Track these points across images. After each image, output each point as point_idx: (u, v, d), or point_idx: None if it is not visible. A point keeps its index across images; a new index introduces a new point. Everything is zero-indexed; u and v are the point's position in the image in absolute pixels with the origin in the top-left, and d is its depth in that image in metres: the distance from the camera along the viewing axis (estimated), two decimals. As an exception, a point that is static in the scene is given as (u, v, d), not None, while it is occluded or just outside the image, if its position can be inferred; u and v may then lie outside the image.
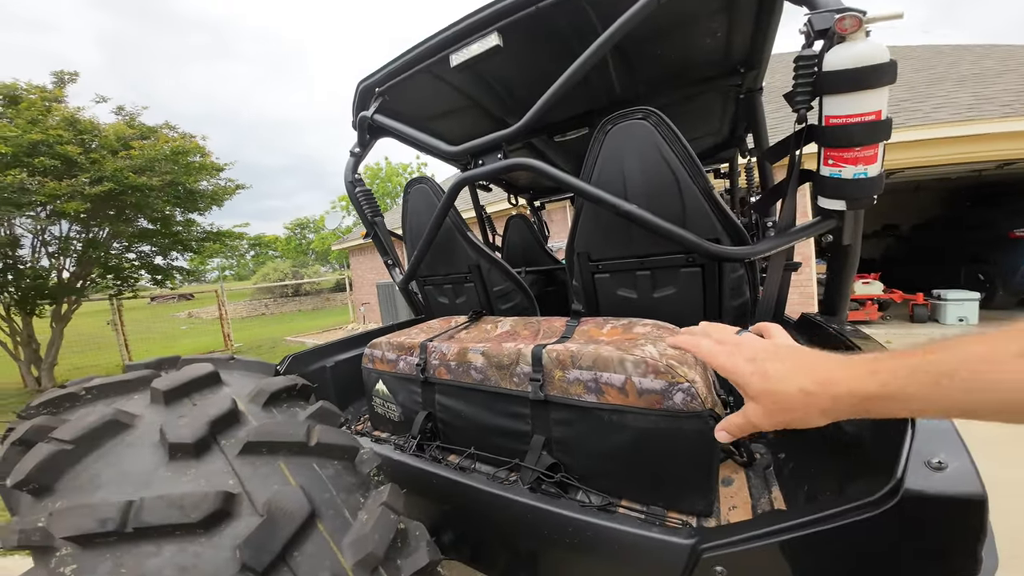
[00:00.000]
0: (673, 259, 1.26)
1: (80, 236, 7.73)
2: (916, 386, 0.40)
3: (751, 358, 0.54)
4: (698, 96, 1.91)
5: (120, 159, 6.65)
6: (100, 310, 9.68)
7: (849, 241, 1.12)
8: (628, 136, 1.19)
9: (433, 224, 1.55)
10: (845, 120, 0.95)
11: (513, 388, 1.08)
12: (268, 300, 23.98)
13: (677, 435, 0.88)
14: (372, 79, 1.62)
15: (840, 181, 1.00)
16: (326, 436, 0.47)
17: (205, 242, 9.60)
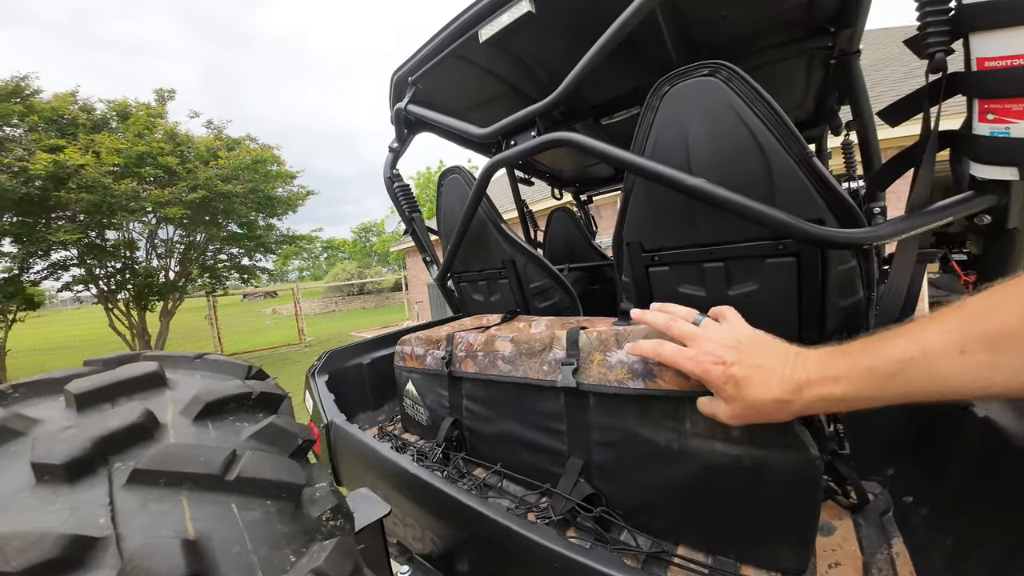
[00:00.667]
0: (756, 246, 1.00)
1: (182, 240, 8.80)
2: (868, 389, 0.45)
3: (718, 360, 0.55)
4: (776, 64, 1.59)
5: (210, 168, 7.43)
6: (198, 306, 10.94)
7: (1017, 223, 0.81)
8: (691, 97, 0.97)
9: (465, 215, 1.44)
10: (1011, 62, 0.69)
11: (542, 379, 0.91)
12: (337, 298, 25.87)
13: (759, 471, 0.66)
14: (405, 68, 1.54)
15: (1008, 141, 0.72)
16: (256, 468, 0.35)
17: (283, 245, 10.49)
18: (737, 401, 0.53)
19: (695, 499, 0.74)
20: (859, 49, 1.51)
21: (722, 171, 0.93)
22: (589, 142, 1.06)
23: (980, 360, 0.35)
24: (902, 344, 0.41)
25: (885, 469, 0.89)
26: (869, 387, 0.44)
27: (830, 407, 0.48)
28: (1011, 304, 0.34)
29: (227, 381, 0.47)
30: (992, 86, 0.71)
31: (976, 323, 0.36)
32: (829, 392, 0.47)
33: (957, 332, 0.37)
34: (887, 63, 6.93)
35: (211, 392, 0.42)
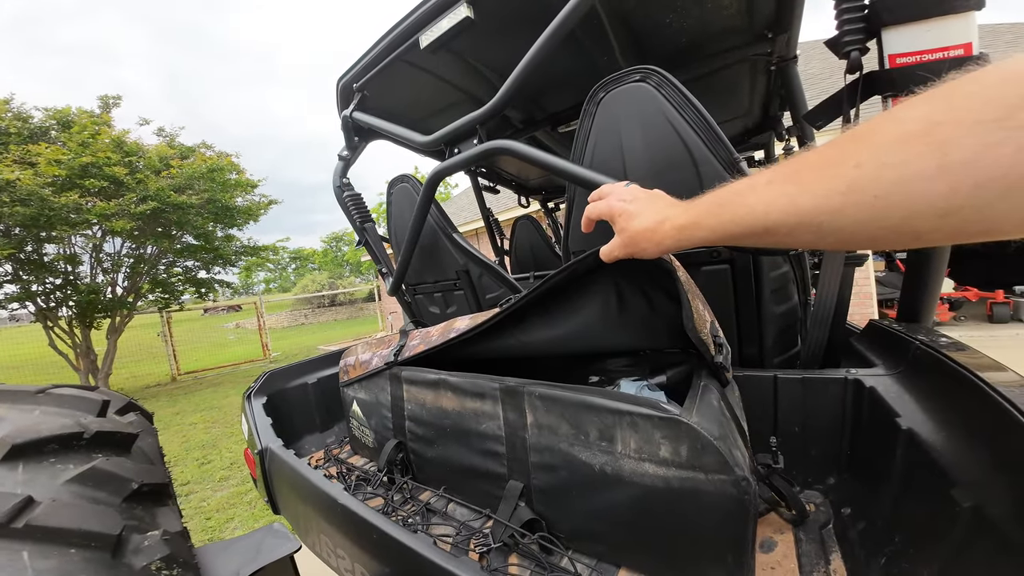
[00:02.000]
0: (692, 255, 1.00)
1: (130, 253, 8.27)
2: (706, 216, 0.51)
3: (621, 200, 0.65)
4: (721, 71, 1.64)
5: (162, 178, 7.04)
6: (152, 323, 10.31)
7: None
8: (625, 103, 0.96)
9: (413, 225, 1.39)
10: (919, 58, 0.71)
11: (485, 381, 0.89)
12: (307, 310, 25.00)
13: (691, 494, 0.64)
14: (350, 74, 1.49)
15: None
16: (55, 515, 0.30)
17: (244, 256, 10.03)
18: (624, 232, 0.62)
19: (632, 522, 0.71)
20: (796, 55, 1.57)
21: (657, 179, 0.93)
22: (525, 150, 1.04)
23: (777, 188, 0.41)
24: (740, 182, 0.48)
25: (826, 478, 0.89)
26: (704, 215, 0.51)
27: (682, 235, 0.54)
28: (810, 153, 0.41)
29: (57, 419, 0.40)
30: (904, 83, 0.72)
31: (785, 164, 0.43)
32: (678, 220, 0.55)
33: (772, 170, 0.44)
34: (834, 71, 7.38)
35: (24, 432, 0.36)
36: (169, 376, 9.56)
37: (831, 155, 0.37)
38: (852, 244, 0.39)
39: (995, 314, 5.59)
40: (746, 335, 1.00)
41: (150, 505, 0.39)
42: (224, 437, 4.82)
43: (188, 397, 7.33)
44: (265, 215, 9.62)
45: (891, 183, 0.31)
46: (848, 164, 0.34)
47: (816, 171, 0.38)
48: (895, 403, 0.70)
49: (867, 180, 0.33)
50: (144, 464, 0.41)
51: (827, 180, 0.36)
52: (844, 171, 0.35)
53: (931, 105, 0.31)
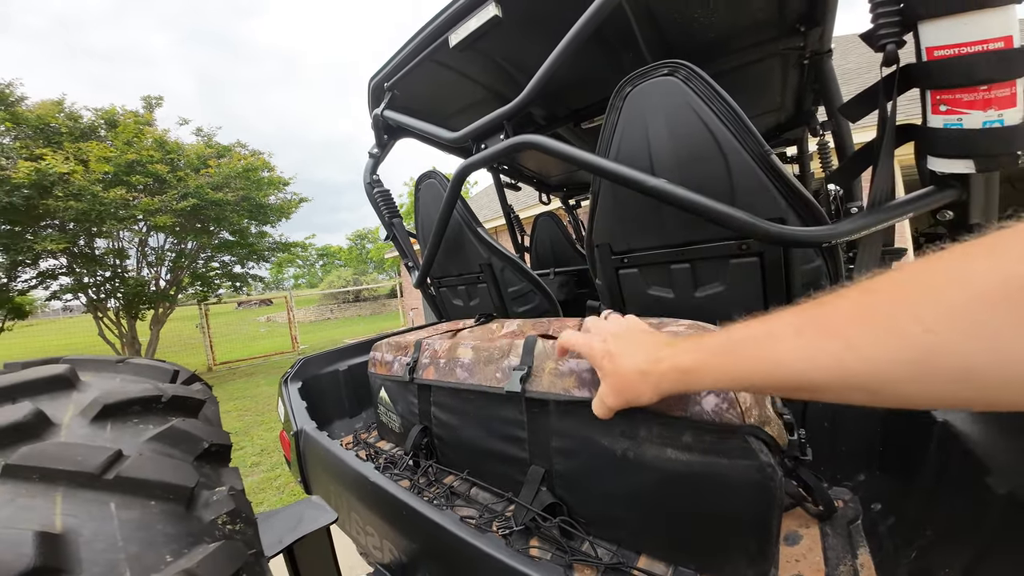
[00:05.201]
0: (720, 247, 0.99)
1: (173, 248, 8.74)
2: (713, 361, 0.45)
3: (603, 339, 0.59)
4: (752, 66, 1.60)
5: (201, 176, 7.41)
6: (190, 315, 10.85)
7: (979, 219, 0.80)
8: (653, 97, 0.97)
9: (440, 220, 1.43)
10: (958, 50, 0.68)
11: (494, 385, 0.90)
12: (333, 305, 25.74)
13: (705, 460, 0.64)
14: (380, 74, 1.55)
15: (963, 133, 0.71)
16: (140, 468, 0.34)
17: (276, 252, 10.44)
18: (611, 376, 0.55)
19: (654, 509, 0.72)
20: (830, 48, 1.52)
21: (684, 171, 0.93)
22: (553, 144, 1.06)
23: (813, 343, 0.35)
24: (754, 324, 0.42)
25: (856, 474, 0.87)
26: (711, 360, 0.45)
27: (682, 379, 0.49)
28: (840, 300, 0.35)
29: (138, 384, 0.45)
30: (942, 76, 0.70)
31: (810, 309, 0.37)
32: (680, 362, 0.48)
33: (795, 316, 0.38)
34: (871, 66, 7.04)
35: (113, 394, 0.41)
36: (205, 366, 10.04)
37: (875, 308, 0.33)
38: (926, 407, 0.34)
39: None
40: None
41: (216, 464, 0.43)
42: (256, 425, 5.04)
43: (222, 386, 7.68)
44: (296, 212, 10.00)
45: (982, 352, 0.27)
46: (908, 324, 0.30)
47: (863, 328, 0.33)
48: None
49: (948, 350, 0.28)
50: (209, 426, 0.46)
51: (887, 343, 0.31)
52: (908, 333, 0.30)
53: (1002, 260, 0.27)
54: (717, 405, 0.63)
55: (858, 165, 0.93)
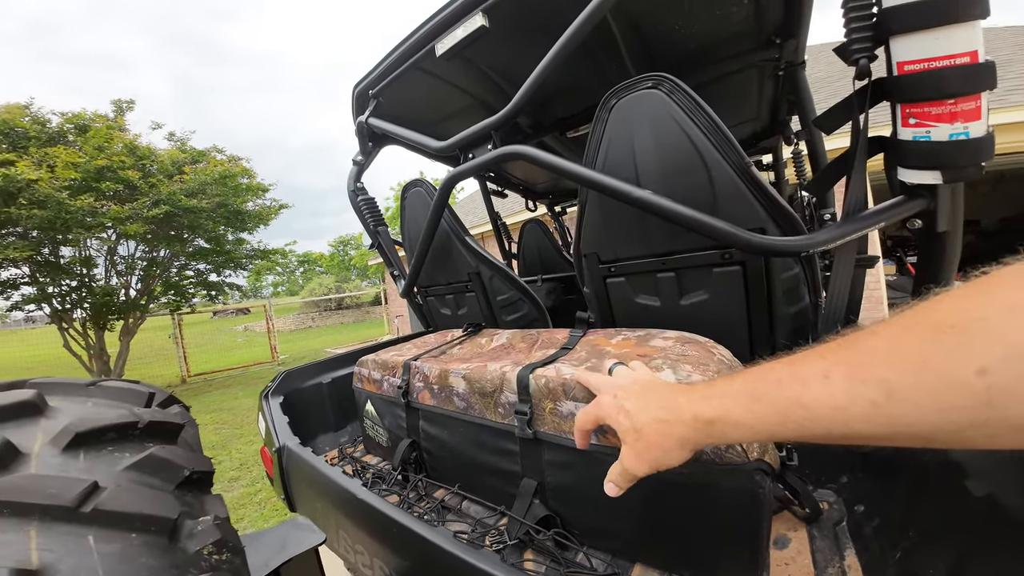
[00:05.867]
0: (703, 256, 1.01)
1: (144, 256, 8.42)
2: (738, 410, 0.40)
3: (614, 395, 0.55)
4: (730, 77, 1.65)
5: (174, 183, 7.18)
6: (163, 325, 10.44)
7: (947, 227, 0.83)
8: (637, 109, 0.98)
9: (427, 228, 1.41)
10: (927, 65, 0.71)
11: (498, 421, 0.89)
12: (314, 314, 25.19)
13: (708, 491, 0.65)
14: (365, 81, 1.53)
15: (930, 145, 0.74)
16: (118, 500, 0.32)
17: (255, 260, 10.16)
18: (629, 434, 0.50)
19: (647, 518, 0.72)
20: (804, 60, 1.58)
21: (668, 182, 0.95)
22: (540, 155, 1.07)
23: (845, 387, 0.32)
24: (778, 367, 0.39)
25: (840, 476, 0.89)
26: (736, 408, 0.41)
27: (705, 430, 0.44)
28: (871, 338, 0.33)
29: (112, 410, 0.43)
30: (912, 90, 0.73)
31: (838, 350, 0.35)
32: (701, 411, 0.44)
33: (820, 356, 0.35)
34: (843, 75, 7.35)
35: (85, 421, 0.39)
36: (179, 378, 9.67)
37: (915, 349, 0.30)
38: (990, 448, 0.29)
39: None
40: (758, 336, 1.01)
41: (197, 492, 0.41)
42: (234, 438, 4.87)
43: (198, 398, 7.41)
44: (276, 219, 9.77)
45: None
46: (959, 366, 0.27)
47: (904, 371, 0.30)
48: None
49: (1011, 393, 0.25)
50: (190, 452, 0.44)
51: (934, 389, 0.28)
52: (960, 377, 0.27)
53: None
54: (715, 449, 0.64)
55: (832, 176, 0.96)
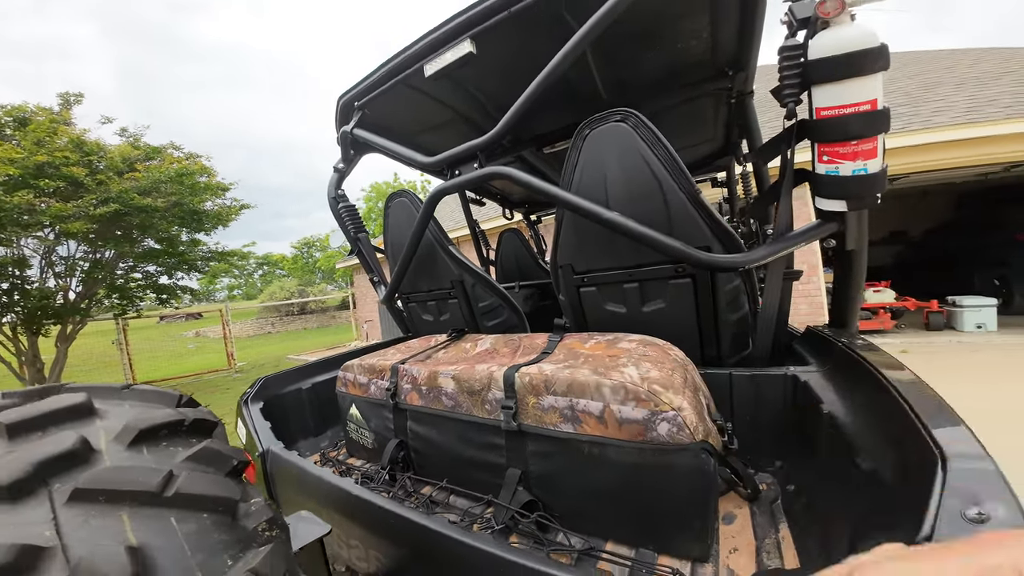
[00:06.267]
0: (661, 270, 1.15)
1: (86, 256, 7.83)
2: None
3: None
4: (689, 102, 1.83)
5: (126, 180, 6.75)
6: (106, 330, 9.73)
7: (854, 246, 1.01)
8: (607, 140, 1.11)
9: (413, 238, 1.48)
10: (838, 111, 0.87)
11: (485, 416, 0.98)
12: (274, 319, 24.11)
13: (664, 471, 0.77)
14: (351, 93, 1.57)
15: (838, 179, 0.90)
16: (193, 485, 0.39)
17: (211, 262, 9.66)
18: None
19: (616, 499, 0.83)
20: (752, 90, 1.78)
21: (633, 205, 1.08)
22: (523, 177, 1.17)
23: None
24: None
25: (775, 462, 1.05)
26: None
27: None
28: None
29: (158, 410, 0.49)
30: (825, 132, 0.88)
31: None
32: None
33: None
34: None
35: (143, 420, 0.44)
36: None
37: None
38: None
39: (931, 322, 6.15)
40: (706, 338, 1.16)
41: (240, 479, 0.48)
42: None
43: (148, 409, 6.95)
44: (236, 220, 9.35)
45: None
46: None
47: None
48: (821, 393, 0.86)
49: None
50: (229, 445, 0.50)
51: None
52: None
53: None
54: (670, 431, 0.75)
55: (767, 201, 1.13)
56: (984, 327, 5.74)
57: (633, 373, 0.81)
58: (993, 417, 3.04)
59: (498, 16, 1.16)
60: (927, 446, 0.49)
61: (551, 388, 0.87)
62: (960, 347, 5.15)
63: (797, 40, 0.89)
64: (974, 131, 5.08)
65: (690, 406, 0.78)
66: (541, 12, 1.14)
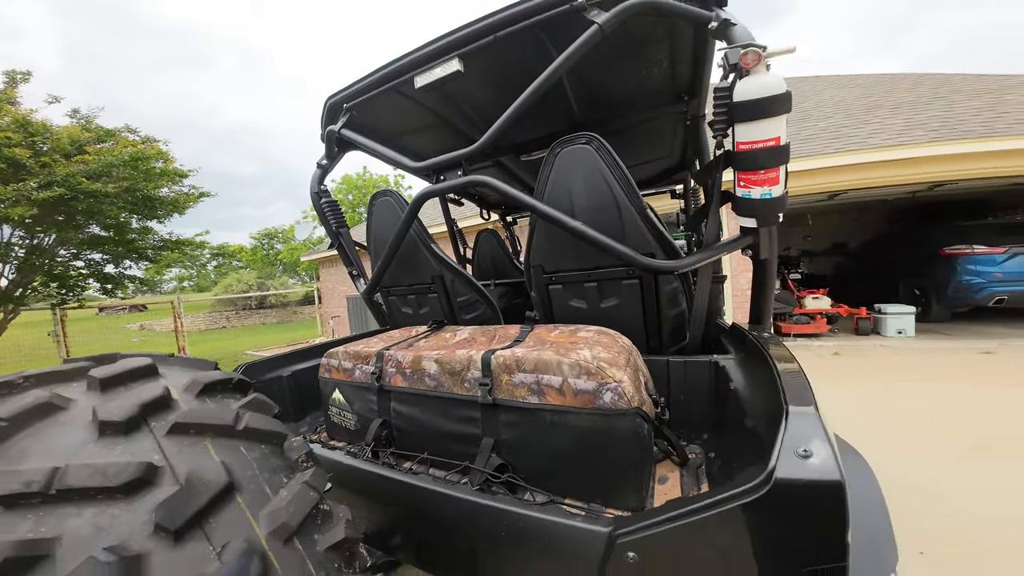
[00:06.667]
0: (615, 272, 1.35)
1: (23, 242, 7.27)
2: None
3: None
4: (651, 121, 2.05)
5: (74, 163, 6.34)
6: (40, 320, 9.02)
7: (766, 256, 1.23)
8: (574, 159, 1.29)
9: (397, 235, 1.59)
10: (751, 146, 1.05)
11: (464, 393, 1.12)
12: (230, 312, 22.96)
13: (607, 433, 0.94)
14: (340, 95, 1.66)
15: (750, 201, 1.11)
16: (254, 422, 0.51)
17: (162, 251, 9.19)
18: None
19: (571, 460, 1.00)
20: (705, 114, 2.01)
21: (593, 216, 1.26)
22: (501, 187, 1.33)
23: None
24: None
25: (702, 434, 1.26)
26: None
27: None
28: None
29: (207, 371, 0.61)
30: (743, 162, 1.08)
31: None
32: None
33: None
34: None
35: (204, 377, 0.57)
36: (63, 383, 8.40)
37: None
38: None
39: (860, 327, 6.83)
40: (651, 330, 1.37)
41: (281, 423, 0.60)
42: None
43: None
44: (193, 208, 8.93)
45: None
46: None
47: None
48: (733, 376, 1.07)
49: None
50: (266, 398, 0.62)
51: None
52: None
53: None
54: (612, 399, 0.93)
55: (700, 217, 1.35)
56: (904, 332, 6.44)
57: (587, 354, 0.99)
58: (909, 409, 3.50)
59: (484, 40, 1.29)
60: (780, 406, 0.68)
61: (521, 367, 1.03)
62: (883, 350, 5.77)
63: (727, 83, 1.07)
64: (903, 152, 5.68)
65: (629, 380, 0.96)
66: (524, 39, 1.28)
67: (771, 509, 0.57)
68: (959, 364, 4.66)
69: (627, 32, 1.27)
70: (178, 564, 0.37)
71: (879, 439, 2.84)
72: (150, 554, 0.37)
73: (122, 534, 0.37)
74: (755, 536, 0.59)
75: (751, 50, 0.99)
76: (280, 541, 0.43)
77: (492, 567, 0.87)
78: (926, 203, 8.05)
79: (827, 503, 0.55)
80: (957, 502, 2.13)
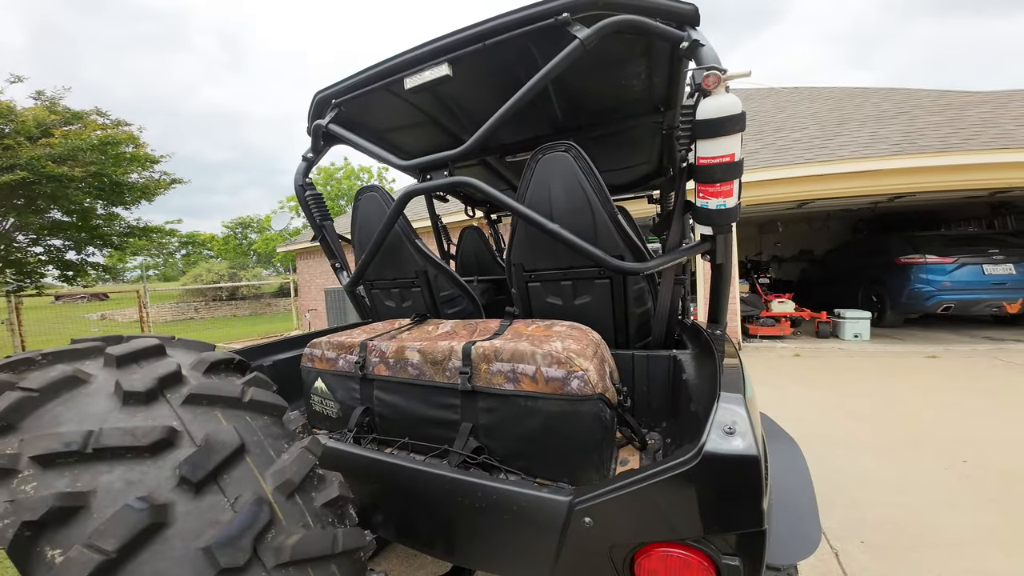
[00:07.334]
0: (588, 271, 1.45)
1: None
2: None
3: None
4: (631, 129, 2.16)
5: (39, 146, 6.04)
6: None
7: (721, 260, 1.35)
8: (554, 165, 1.38)
9: (382, 230, 1.64)
10: (709, 161, 1.15)
11: (445, 381, 1.20)
12: (198, 303, 22.14)
13: (573, 416, 1.04)
14: (329, 91, 1.69)
15: (707, 211, 1.23)
16: (258, 396, 0.58)
17: (129, 238, 8.86)
18: None
19: (542, 443, 1.10)
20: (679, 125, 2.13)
21: (569, 219, 1.36)
22: (485, 188, 1.40)
23: None
24: None
25: (662, 422, 1.38)
26: None
27: None
28: None
29: (209, 352, 0.67)
30: (702, 175, 1.17)
31: None
32: None
33: None
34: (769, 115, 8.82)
35: (209, 356, 0.63)
36: (18, 374, 7.99)
37: None
38: None
39: (820, 330, 7.22)
40: (619, 327, 1.48)
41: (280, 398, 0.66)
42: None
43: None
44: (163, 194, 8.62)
45: None
46: None
47: None
48: (687, 368, 1.19)
49: None
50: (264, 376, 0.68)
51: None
52: None
53: None
54: (579, 385, 1.03)
55: (664, 224, 1.47)
56: (860, 336, 6.86)
57: (559, 345, 1.08)
58: (855, 407, 3.78)
59: (473, 47, 1.35)
60: (715, 392, 0.79)
61: (499, 356, 1.12)
62: (840, 352, 6.13)
63: (692, 102, 1.16)
64: (867, 165, 6.02)
65: (595, 370, 1.06)
66: (511, 48, 1.36)
67: (701, 478, 0.68)
68: (906, 367, 5.02)
69: (608, 47, 1.36)
70: (199, 512, 0.44)
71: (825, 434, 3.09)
72: (175, 504, 0.43)
73: (150, 486, 0.43)
74: (688, 502, 0.70)
75: (712, 72, 1.09)
76: (284, 495, 0.50)
77: (468, 536, 0.96)
78: (886, 214, 8.54)
79: (746, 474, 0.66)
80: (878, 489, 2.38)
